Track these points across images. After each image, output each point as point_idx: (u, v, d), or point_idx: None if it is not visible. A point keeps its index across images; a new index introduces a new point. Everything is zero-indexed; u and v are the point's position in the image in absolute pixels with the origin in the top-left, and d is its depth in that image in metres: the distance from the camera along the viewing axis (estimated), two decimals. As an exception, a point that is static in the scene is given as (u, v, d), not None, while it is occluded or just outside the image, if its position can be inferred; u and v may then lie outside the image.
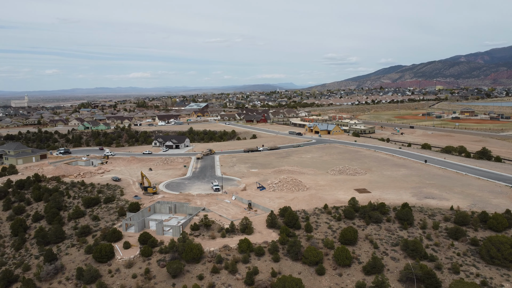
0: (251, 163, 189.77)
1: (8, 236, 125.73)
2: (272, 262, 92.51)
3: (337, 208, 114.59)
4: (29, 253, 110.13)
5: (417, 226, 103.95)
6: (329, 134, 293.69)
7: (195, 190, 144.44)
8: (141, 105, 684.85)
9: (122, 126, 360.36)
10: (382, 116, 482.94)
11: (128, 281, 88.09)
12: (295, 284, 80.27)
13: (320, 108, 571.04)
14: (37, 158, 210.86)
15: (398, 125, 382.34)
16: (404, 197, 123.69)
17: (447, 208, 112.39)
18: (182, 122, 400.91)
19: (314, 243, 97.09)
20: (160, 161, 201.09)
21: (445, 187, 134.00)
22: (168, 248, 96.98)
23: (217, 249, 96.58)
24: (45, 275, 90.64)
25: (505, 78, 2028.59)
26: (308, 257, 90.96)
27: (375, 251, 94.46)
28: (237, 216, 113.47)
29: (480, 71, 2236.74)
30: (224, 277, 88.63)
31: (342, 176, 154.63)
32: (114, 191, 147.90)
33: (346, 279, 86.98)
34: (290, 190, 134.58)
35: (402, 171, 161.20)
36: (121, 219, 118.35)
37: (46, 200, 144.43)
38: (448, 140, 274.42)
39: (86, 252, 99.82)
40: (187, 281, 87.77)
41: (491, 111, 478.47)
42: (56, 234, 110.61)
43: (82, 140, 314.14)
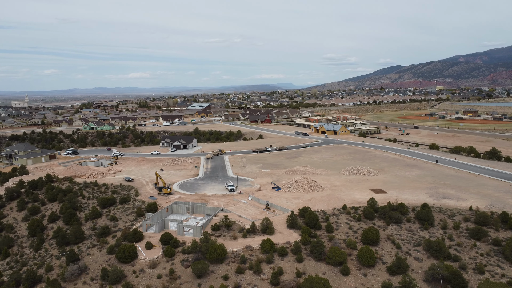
0: (262, 163, 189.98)
1: (25, 237, 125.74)
2: (296, 263, 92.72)
3: (355, 209, 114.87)
4: (49, 253, 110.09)
5: (437, 227, 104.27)
6: (336, 134, 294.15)
7: (210, 190, 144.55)
8: (142, 106, 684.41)
9: (127, 127, 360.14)
10: (385, 117, 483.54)
11: (153, 281, 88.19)
12: (322, 284, 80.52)
13: (322, 109, 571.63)
14: (46, 158, 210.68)
15: (403, 125, 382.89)
16: (421, 197, 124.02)
17: (466, 208, 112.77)
18: (187, 122, 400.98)
19: (336, 243, 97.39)
20: (170, 162, 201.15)
21: (460, 187, 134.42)
22: (191, 249, 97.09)
23: (239, 249, 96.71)
24: (70, 276, 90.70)
25: (504, 78, 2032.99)
26: (332, 258, 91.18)
27: (398, 252, 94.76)
28: (256, 217, 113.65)
29: (479, 71, 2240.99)
30: (249, 277, 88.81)
31: (356, 177, 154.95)
32: (128, 192, 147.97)
33: (371, 279, 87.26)
34: (306, 191, 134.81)
35: (415, 171, 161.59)
36: (139, 219, 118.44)
37: (61, 200, 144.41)
38: (454, 140, 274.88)
39: (108, 252, 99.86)
40: (212, 281, 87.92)
41: (494, 112, 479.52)
42: (76, 235, 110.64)
43: (87, 141, 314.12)
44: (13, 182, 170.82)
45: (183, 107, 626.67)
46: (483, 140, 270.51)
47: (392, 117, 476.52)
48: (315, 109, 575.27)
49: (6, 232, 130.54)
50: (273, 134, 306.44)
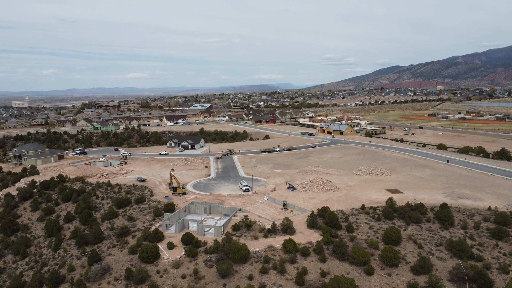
0: (272, 163, 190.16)
1: (42, 237, 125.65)
2: (319, 262, 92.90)
3: (374, 209, 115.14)
4: (68, 253, 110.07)
5: (457, 226, 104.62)
6: (342, 134, 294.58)
7: (224, 190, 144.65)
8: (144, 106, 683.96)
9: (132, 127, 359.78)
10: (388, 117, 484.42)
11: (178, 281, 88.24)
12: (349, 283, 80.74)
13: (325, 109, 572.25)
14: (56, 158, 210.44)
15: (407, 125, 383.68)
16: (437, 197, 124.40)
17: (484, 208, 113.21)
18: (191, 122, 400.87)
19: (358, 243, 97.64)
20: (180, 162, 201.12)
21: (475, 187, 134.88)
22: (213, 249, 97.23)
23: (262, 249, 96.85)
24: (94, 276, 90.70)
25: (502, 78, 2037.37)
26: (356, 257, 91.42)
27: (420, 251, 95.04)
28: (275, 217, 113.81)
29: (477, 71, 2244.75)
30: (274, 277, 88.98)
31: (369, 177, 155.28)
32: (142, 192, 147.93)
33: (396, 279, 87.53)
34: (322, 191, 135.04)
35: (427, 171, 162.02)
36: (157, 219, 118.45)
37: (74, 201, 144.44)
38: (460, 140, 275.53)
39: (130, 252, 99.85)
40: (237, 281, 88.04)
41: (496, 112, 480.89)
42: (95, 235, 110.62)
43: (92, 141, 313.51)
44: (24, 182, 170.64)
45: (185, 107, 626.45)
46: (489, 141, 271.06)
47: (395, 117, 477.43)
48: (317, 109, 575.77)
49: (22, 232, 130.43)
50: (279, 135, 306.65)
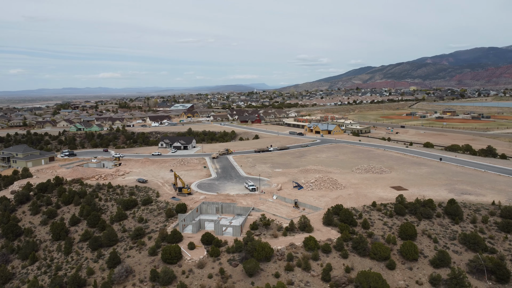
0: (271, 163, 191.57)
1: (48, 241, 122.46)
2: (341, 259, 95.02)
3: (385, 205, 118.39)
4: (82, 256, 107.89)
5: (466, 221, 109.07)
6: (330, 134, 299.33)
7: (230, 190, 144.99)
8: (123, 106, 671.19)
9: (116, 128, 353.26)
10: (368, 116, 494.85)
11: (205, 281, 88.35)
12: (378, 277, 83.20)
13: (306, 109, 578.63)
14: (46, 160, 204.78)
15: (388, 124, 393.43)
16: (441, 193, 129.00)
17: (488, 203, 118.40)
18: (176, 123, 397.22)
19: (376, 239, 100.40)
20: (176, 162, 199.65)
21: (474, 183, 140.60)
22: (235, 248, 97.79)
23: (283, 247, 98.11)
24: (118, 278, 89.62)
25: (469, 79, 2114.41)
26: (377, 253, 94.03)
27: (436, 246, 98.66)
28: (290, 215, 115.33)
29: (445, 72, 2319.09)
30: (299, 274, 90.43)
31: (370, 175, 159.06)
32: (146, 193, 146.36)
33: (417, 273, 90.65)
34: (329, 189, 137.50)
35: (424, 169, 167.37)
36: (170, 220, 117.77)
37: (77, 203, 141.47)
38: (443, 139, 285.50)
39: (150, 254, 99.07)
40: (264, 279, 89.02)
41: (471, 111, 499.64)
42: (110, 237, 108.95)
43: (76, 142, 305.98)
44: (18, 185, 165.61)
45: (165, 108, 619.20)
46: (470, 139, 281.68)
47: (376, 117, 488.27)
48: (298, 109, 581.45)
49: (26, 237, 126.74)
50: (268, 134, 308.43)
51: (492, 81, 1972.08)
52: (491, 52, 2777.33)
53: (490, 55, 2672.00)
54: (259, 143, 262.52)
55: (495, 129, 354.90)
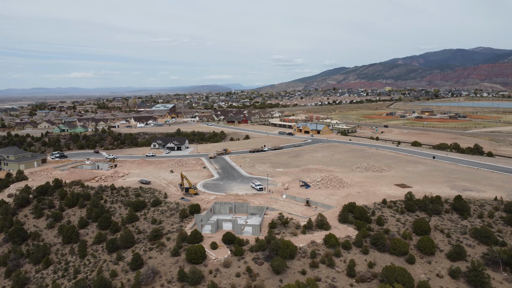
0: (269, 163, 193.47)
1: (58, 244, 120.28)
2: (362, 254, 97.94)
3: (394, 202, 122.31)
4: (99, 259, 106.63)
5: (474, 216, 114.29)
6: (319, 133, 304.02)
7: (237, 190, 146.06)
8: (102, 107, 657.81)
9: (102, 129, 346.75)
10: (350, 116, 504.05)
11: (234, 280, 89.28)
12: (403, 272, 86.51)
13: (288, 109, 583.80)
14: (39, 162, 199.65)
15: (371, 124, 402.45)
16: (444, 190, 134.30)
17: (491, 199, 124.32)
18: (162, 123, 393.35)
19: (393, 235, 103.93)
20: (174, 163, 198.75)
21: (472, 180, 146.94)
22: (257, 247, 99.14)
23: (305, 245, 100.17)
24: (146, 279, 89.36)
25: (438, 80, 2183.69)
26: (397, 248, 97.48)
27: (449, 240, 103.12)
28: (305, 213, 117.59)
29: (416, 73, 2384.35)
30: (324, 270, 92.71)
31: (371, 173, 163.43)
32: (152, 194, 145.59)
33: (436, 266, 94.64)
34: (336, 187, 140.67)
35: (420, 167, 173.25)
36: (185, 221, 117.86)
37: (81, 205, 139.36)
38: (427, 138, 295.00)
39: (172, 254, 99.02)
40: (291, 276, 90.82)
41: (448, 111, 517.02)
42: (127, 239, 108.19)
43: (60, 144, 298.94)
44: (15, 188, 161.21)
45: (146, 108, 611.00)
46: (452, 138, 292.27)
47: (357, 117, 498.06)
48: (280, 109, 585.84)
49: (33, 240, 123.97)
50: (258, 134, 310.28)
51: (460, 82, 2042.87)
52: (458, 53, 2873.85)
53: (458, 57, 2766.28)
54: (252, 143, 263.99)
55: (473, 128, 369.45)
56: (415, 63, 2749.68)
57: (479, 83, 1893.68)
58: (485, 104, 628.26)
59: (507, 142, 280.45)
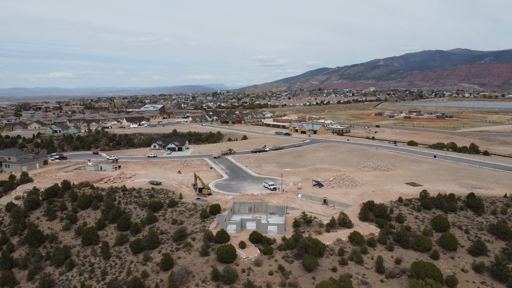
0: (275, 163, 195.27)
1: (77, 246, 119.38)
2: (388, 251, 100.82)
3: (410, 200, 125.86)
4: (125, 260, 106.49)
5: (487, 212, 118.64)
6: (315, 133, 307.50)
7: (251, 190, 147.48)
8: (89, 107, 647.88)
9: (95, 129, 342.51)
10: (339, 116, 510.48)
11: (267, 278, 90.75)
12: (432, 267, 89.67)
13: (277, 109, 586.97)
14: (41, 164, 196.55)
15: (363, 124, 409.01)
16: (454, 188, 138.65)
17: (500, 196, 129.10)
18: (156, 124, 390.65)
19: (414, 232, 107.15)
20: (179, 164, 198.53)
21: (477, 178, 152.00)
22: (286, 245, 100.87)
23: (331, 243, 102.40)
24: (180, 279, 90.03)
25: (419, 80, 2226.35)
26: (421, 244, 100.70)
27: (468, 236, 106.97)
28: (326, 212, 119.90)
29: (397, 73, 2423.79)
30: (354, 267, 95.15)
31: (378, 172, 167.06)
32: (166, 195, 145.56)
33: (460, 261, 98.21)
34: (349, 186, 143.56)
35: (424, 166, 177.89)
36: (207, 221, 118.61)
37: (95, 207, 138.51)
38: (420, 137, 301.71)
39: (201, 254, 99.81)
40: (323, 273, 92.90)
41: (434, 111, 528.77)
42: (152, 240, 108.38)
43: (54, 145, 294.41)
44: (22, 190, 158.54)
45: (134, 108, 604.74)
46: (444, 137, 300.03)
47: (347, 117, 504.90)
48: (270, 109, 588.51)
49: (50, 243, 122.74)
50: (255, 135, 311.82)
51: (440, 82, 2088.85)
52: (437, 55, 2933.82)
53: (437, 58, 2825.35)
54: (251, 143, 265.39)
55: (462, 127, 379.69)
56: (395, 63, 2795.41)
57: (457, 84, 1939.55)
58: (469, 104, 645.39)
59: (497, 141, 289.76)
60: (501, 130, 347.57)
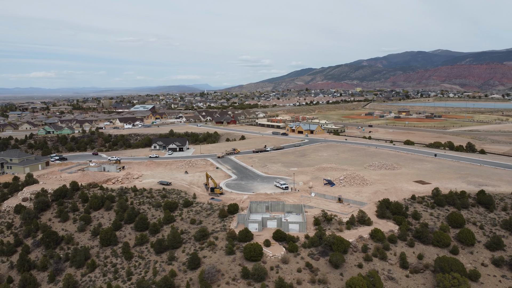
0: (280, 162, 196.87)
1: (95, 247, 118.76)
2: (409, 247, 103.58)
3: (422, 198, 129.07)
4: (148, 260, 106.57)
5: (498, 209, 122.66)
6: (312, 133, 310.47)
7: (262, 189, 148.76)
8: (76, 108, 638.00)
9: (90, 130, 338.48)
10: (331, 116, 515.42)
11: (296, 275, 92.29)
12: (457, 262, 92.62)
13: (269, 109, 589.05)
14: (43, 165, 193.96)
15: (356, 124, 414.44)
16: (461, 185, 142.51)
17: (508, 193, 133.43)
18: (150, 124, 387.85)
19: (432, 228, 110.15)
20: (183, 164, 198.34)
21: (482, 176, 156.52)
22: (310, 243, 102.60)
23: (354, 240, 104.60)
24: (211, 277, 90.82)
25: (402, 81, 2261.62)
26: (440, 240, 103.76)
27: (483, 231, 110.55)
28: (344, 210, 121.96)
29: (380, 74, 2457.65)
30: (378, 263, 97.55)
31: (385, 171, 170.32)
32: (178, 195, 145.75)
33: (478, 256, 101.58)
34: (360, 185, 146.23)
35: (427, 164, 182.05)
36: (226, 220, 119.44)
37: (108, 207, 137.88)
38: (413, 136, 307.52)
39: (227, 253, 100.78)
40: (349, 270, 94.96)
41: (423, 111, 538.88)
42: (175, 239, 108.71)
43: (48, 146, 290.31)
44: (30, 192, 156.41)
45: (124, 109, 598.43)
46: (436, 136, 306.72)
47: (338, 117, 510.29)
48: (260, 109, 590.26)
49: (67, 244, 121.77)
50: (252, 135, 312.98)
51: (422, 83, 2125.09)
52: (419, 56, 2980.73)
53: (419, 59, 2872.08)
54: (251, 143, 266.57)
55: (452, 127, 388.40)
56: (379, 64, 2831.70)
57: (439, 84, 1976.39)
58: (456, 104, 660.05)
59: (488, 140, 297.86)
60: (490, 130, 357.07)
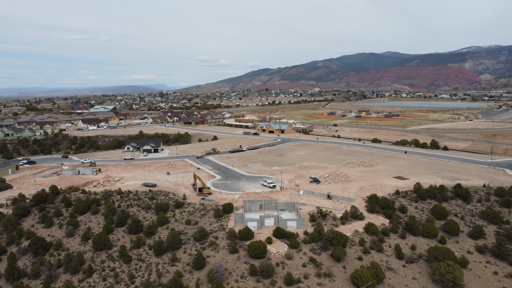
0: (260, 162, 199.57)
1: (88, 252, 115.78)
2: (401, 239, 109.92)
3: (406, 193, 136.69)
4: (149, 262, 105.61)
5: (474, 201, 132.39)
6: (283, 133, 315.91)
7: (249, 188, 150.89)
8: (31, 109, 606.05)
9: (52, 132, 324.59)
10: (295, 116, 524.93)
11: (302, 270, 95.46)
12: (448, 250, 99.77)
13: (233, 109, 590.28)
14: (13, 170, 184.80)
15: (321, 123, 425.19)
16: (437, 180, 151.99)
17: (480, 186, 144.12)
18: (115, 126, 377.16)
19: (419, 220, 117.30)
20: (163, 165, 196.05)
21: (453, 171, 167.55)
22: (310, 239, 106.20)
23: (350, 234, 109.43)
24: (220, 276, 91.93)
25: (355, 81, 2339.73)
26: (429, 231, 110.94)
27: (464, 222, 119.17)
28: (335, 206, 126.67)
29: (335, 75, 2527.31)
30: (376, 255, 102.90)
31: (363, 168, 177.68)
32: (166, 196, 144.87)
33: (464, 244, 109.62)
34: (345, 182, 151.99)
35: (400, 161, 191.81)
36: (222, 219, 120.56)
37: (94, 211, 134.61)
38: (378, 135, 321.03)
39: (231, 252, 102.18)
40: (351, 262, 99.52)
41: (381, 111, 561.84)
42: (175, 241, 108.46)
43: (9, 149, 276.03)
44: (5, 197, 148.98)
45: (82, 110, 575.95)
46: (399, 134, 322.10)
47: (302, 116, 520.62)
48: (223, 110, 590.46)
49: (57, 250, 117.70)
50: (224, 135, 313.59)
51: (374, 83, 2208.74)
52: (371, 57, 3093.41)
53: (371, 60, 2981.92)
54: (224, 143, 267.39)
55: (410, 125, 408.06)
56: (333, 65, 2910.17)
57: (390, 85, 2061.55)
58: (410, 103, 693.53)
59: (446, 138, 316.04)
60: (446, 128, 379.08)
